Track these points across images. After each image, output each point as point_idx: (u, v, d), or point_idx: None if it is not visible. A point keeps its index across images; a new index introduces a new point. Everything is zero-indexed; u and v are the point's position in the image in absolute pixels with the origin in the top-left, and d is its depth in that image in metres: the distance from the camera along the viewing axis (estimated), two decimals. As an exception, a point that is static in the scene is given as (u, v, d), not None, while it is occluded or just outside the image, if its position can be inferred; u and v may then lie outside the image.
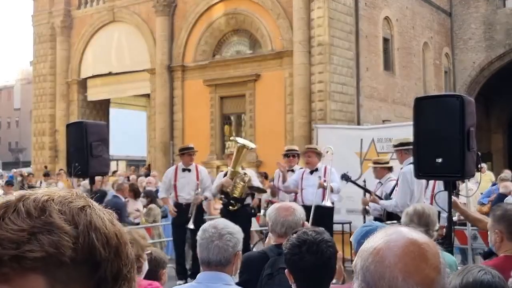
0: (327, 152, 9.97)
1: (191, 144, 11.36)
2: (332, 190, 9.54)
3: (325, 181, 9.59)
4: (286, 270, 2.98)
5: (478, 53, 31.23)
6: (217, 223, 3.30)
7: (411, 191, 7.87)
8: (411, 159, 8.08)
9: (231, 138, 21.14)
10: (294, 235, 3.03)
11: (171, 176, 10.62)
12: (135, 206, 12.77)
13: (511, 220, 3.85)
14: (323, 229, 3.10)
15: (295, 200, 9.74)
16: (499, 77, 31.27)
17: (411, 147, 8.16)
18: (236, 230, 3.29)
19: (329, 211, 9.82)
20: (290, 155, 10.67)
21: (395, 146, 8.54)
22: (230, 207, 10.23)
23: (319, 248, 2.90)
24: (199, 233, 3.28)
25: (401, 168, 8.31)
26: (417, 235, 1.58)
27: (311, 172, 9.87)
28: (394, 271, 1.49)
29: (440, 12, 30.96)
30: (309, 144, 19.66)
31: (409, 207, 4.80)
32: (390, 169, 9.01)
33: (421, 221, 4.41)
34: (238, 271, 3.34)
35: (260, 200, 12.44)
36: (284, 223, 3.87)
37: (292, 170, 10.59)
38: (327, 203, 9.36)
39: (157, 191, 13.10)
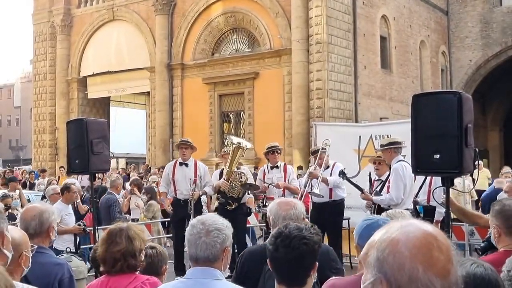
0: (327, 145, 10.10)
1: (189, 138, 11.37)
2: (326, 182, 9.64)
3: (315, 168, 9.75)
4: (268, 259, 3.04)
5: (474, 51, 31.33)
6: (205, 219, 3.24)
7: (404, 185, 8.02)
8: (399, 157, 8.30)
9: (226, 137, 21.18)
10: (280, 226, 3.13)
11: (170, 171, 10.62)
12: (137, 202, 12.92)
13: (507, 216, 3.91)
14: (310, 226, 3.13)
15: (283, 195, 9.86)
16: (495, 75, 31.40)
17: (400, 146, 8.36)
18: (224, 226, 3.22)
19: (339, 206, 9.98)
20: (274, 151, 10.74)
21: (384, 145, 8.60)
22: (228, 207, 10.31)
23: (292, 243, 2.94)
24: (188, 228, 3.25)
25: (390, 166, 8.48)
26: (431, 227, 1.60)
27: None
28: (414, 262, 1.52)
29: (437, 10, 31.06)
30: (308, 141, 19.85)
31: None
32: (389, 167, 9.14)
33: None
34: (228, 266, 3.34)
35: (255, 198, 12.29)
36: (285, 217, 3.89)
37: (277, 167, 10.72)
38: (316, 190, 9.47)
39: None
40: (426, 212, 7.87)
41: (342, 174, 9.08)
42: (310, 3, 21.71)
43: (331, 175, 9.79)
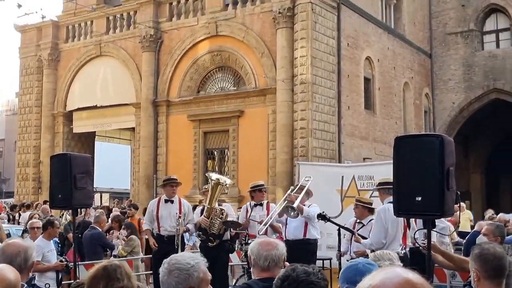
0: (307, 180, 10.17)
1: (175, 175, 11.46)
2: (301, 211, 9.60)
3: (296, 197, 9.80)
4: None
5: (457, 94, 31.73)
6: (170, 259, 3.28)
7: (385, 229, 7.99)
8: (391, 198, 8.28)
9: (206, 174, 21.15)
10: (287, 268, 3.16)
11: (154, 207, 10.68)
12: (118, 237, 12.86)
13: (485, 260, 3.98)
14: (318, 270, 3.14)
15: (266, 233, 9.88)
16: (477, 118, 31.79)
17: (390, 186, 8.36)
18: (189, 266, 3.21)
19: (313, 246, 9.98)
20: (261, 189, 10.89)
21: (377, 186, 8.65)
22: (209, 244, 10.30)
23: (299, 287, 2.96)
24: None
25: None
26: (413, 275, 1.67)
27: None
28: None
29: (420, 53, 31.52)
30: (291, 179, 19.89)
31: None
32: (371, 211, 9.14)
33: None
34: None
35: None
36: (267, 257, 3.93)
37: (260, 204, 10.80)
38: (296, 202, 9.49)
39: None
40: (412, 255, 7.83)
41: (321, 217, 9.06)
42: (295, 44, 21.96)
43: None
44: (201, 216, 10.54)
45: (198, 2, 25.02)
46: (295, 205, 9.44)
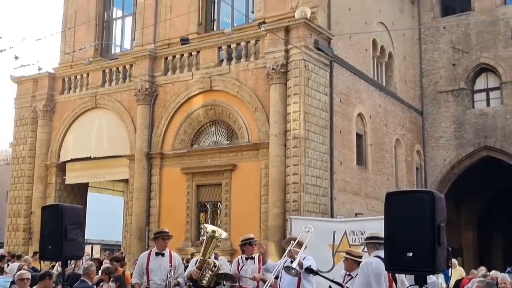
0: (307, 231, 10.22)
1: (166, 228, 11.48)
2: (301, 266, 9.61)
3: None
4: None
5: (448, 151, 32.03)
6: None
7: (367, 282, 8.03)
8: (377, 252, 8.30)
9: (201, 225, 21.08)
10: None
11: (144, 260, 10.69)
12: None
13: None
14: None
15: (257, 287, 9.89)
16: (469, 175, 31.98)
17: (377, 241, 8.42)
18: None
19: None
20: (251, 243, 10.95)
21: (365, 240, 8.76)
22: (199, 295, 10.32)
23: None
24: None
25: None
26: None
27: (291, 262, 10.04)
28: None
29: (412, 110, 31.91)
30: (284, 234, 19.88)
31: None
32: (359, 264, 9.20)
33: None
34: None
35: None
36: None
37: (251, 258, 10.84)
38: (294, 264, 9.48)
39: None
40: None
41: (309, 270, 9.07)
42: (288, 99, 22.18)
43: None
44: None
45: (193, 58, 25.39)
46: (295, 263, 9.44)
